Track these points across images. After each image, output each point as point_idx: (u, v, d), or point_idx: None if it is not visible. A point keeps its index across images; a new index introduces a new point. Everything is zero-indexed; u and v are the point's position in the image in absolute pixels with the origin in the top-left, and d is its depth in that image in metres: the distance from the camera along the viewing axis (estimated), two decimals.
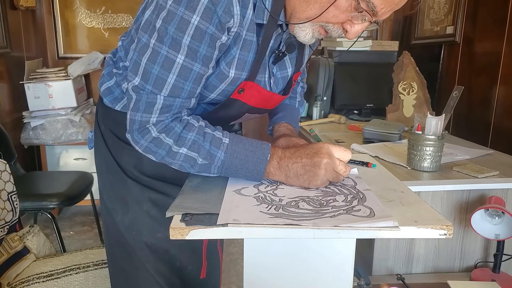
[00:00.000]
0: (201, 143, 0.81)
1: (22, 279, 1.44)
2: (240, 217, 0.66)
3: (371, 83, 2.51)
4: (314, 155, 0.79)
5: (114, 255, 1.07)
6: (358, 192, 0.79)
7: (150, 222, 0.99)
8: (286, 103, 1.19)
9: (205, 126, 0.83)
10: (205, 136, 0.81)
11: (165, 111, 0.80)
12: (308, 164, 0.79)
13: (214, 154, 0.81)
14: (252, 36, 0.83)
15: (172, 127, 0.81)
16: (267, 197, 0.76)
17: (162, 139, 0.81)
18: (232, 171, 0.82)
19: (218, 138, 0.81)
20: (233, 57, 0.83)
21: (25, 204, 2.07)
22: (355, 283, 1.13)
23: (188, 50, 0.76)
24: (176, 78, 0.78)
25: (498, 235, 1.19)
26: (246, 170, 0.81)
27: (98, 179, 1.07)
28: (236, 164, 0.81)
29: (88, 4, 3.20)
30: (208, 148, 0.81)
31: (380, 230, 0.63)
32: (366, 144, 1.74)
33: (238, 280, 2.22)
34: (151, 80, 0.78)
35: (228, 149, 0.81)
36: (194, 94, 0.82)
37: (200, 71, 0.79)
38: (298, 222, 0.64)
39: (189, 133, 0.81)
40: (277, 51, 0.91)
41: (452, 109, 1.35)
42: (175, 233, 0.64)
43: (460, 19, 2.25)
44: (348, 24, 0.78)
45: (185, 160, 0.82)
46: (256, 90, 0.89)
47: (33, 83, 2.80)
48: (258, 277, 0.74)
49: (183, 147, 0.81)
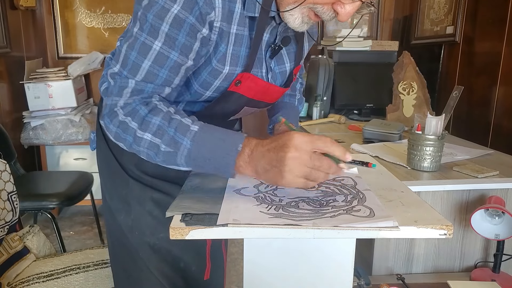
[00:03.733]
0: (165, 128, 0.76)
1: (22, 279, 1.44)
2: (240, 217, 0.66)
3: (371, 83, 2.51)
4: (279, 148, 0.69)
5: (116, 255, 1.07)
6: (358, 192, 0.79)
7: (153, 222, 0.98)
8: (285, 101, 1.18)
9: (174, 112, 0.79)
10: (171, 121, 0.76)
11: (135, 94, 0.79)
12: (274, 159, 0.69)
13: (179, 142, 0.75)
14: (244, 30, 0.83)
15: (137, 110, 0.78)
16: (267, 197, 0.76)
17: (128, 123, 0.78)
18: (200, 162, 0.75)
19: (186, 125, 0.76)
20: (225, 54, 0.83)
21: (25, 204, 2.07)
22: (355, 283, 1.13)
23: (166, 37, 0.76)
24: (151, 64, 0.77)
25: (498, 235, 1.19)
26: (215, 162, 0.73)
27: (100, 179, 1.07)
28: (204, 154, 0.74)
29: (88, 4, 3.20)
30: (172, 134, 0.75)
31: (380, 230, 0.63)
32: (366, 144, 1.74)
33: (238, 280, 2.22)
34: (128, 66, 0.78)
35: (195, 137, 0.74)
36: (170, 83, 0.81)
37: (178, 60, 0.78)
38: (298, 222, 0.64)
39: (154, 117, 0.77)
40: (273, 45, 0.90)
41: (452, 109, 1.35)
42: (175, 233, 0.64)
43: (460, 19, 2.25)
44: (338, 5, 0.75)
45: (150, 147, 0.77)
46: (253, 82, 0.88)
47: (33, 83, 2.80)
48: (258, 277, 0.74)
49: (147, 132, 0.76)
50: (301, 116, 2.51)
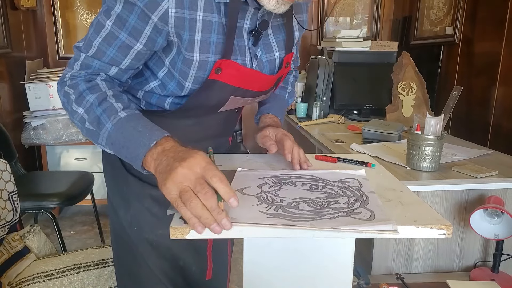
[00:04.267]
0: (94, 107, 0.79)
1: (23, 279, 1.44)
2: (238, 216, 0.66)
3: (371, 83, 2.52)
4: (179, 159, 0.67)
5: (118, 251, 1.08)
6: (362, 194, 0.78)
7: (151, 219, 0.99)
8: (275, 93, 1.17)
9: (112, 95, 0.81)
10: (103, 102, 0.79)
11: (83, 68, 0.84)
12: (170, 165, 0.67)
13: (103, 123, 0.78)
14: (212, 16, 0.83)
15: (78, 84, 0.83)
16: (269, 197, 0.76)
17: (70, 94, 0.83)
18: (117, 148, 0.77)
19: (114, 109, 0.78)
20: (191, 41, 0.83)
21: (26, 204, 2.07)
22: (354, 282, 1.13)
23: (116, 18, 0.81)
24: (101, 42, 0.83)
25: (497, 235, 1.20)
26: (128, 150, 0.75)
27: (104, 176, 1.08)
28: (120, 140, 0.76)
29: (89, 4, 3.20)
30: (99, 114, 0.78)
31: (379, 234, 0.62)
32: (365, 144, 1.74)
33: (238, 279, 2.22)
34: (86, 41, 0.85)
35: (118, 123, 0.77)
36: (117, 63, 0.85)
37: (126, 41, 0.82)
38: (296, 223, 0.64)
39: (90, 94, 0.81)
40: (253, 31, 0.90)
41: (451, 109, 1.35)
42: (175, 232, 0.63)
43: (460, 20, 2.26)
44: None
45: (80, 121, 0.81)
46: (234, 68, 0.88)
47: (33, 83, 2.80)
48: (258, 277, 0.75)
49: (81, 107, 0.81)
50: (301, 116, 2.51)
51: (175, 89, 0.91)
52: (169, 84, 0.91)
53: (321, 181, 0.86)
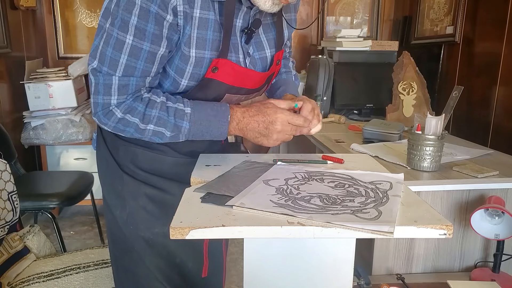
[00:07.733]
0: (166, 118, 0.87)
1: (23, 279, 1.44)
2: (249, 202, 0.69)
3: (371, 83, 2.51)
4: (269, 123, 0.87)
5: (114, 250, 1.08)
6: (385, 196, 0.75)
7: (147, 217, 0.99)
8: (284, 78, 1.19)
9: (166, 100, 0.88)
10: (168, 110, 0.87)
11: (123, 91, 0.84)
12: (263, 128, 0.88)
13: (180, 125, 0.88)
14: (208, 14, 0.85)
15: (135, 107, 0.86)
16: (288, 190, 0.77)
17: (128, 119, 0.86)
18: (198, 135, 0.90)
19: (181, 110, 0.88)
20: (189, 37, 0.85)
21: (26, 204, 2.06)
22: (355, 282, 1.13)
23: (135, 30, 0.80)
24: (128, 58, 0.82)
25: (498, 235, 1.19)
26: (211, 134, 0.90)
27: (99, 175, 1.08)
28: (201, 129, 0.89)
29: (89, 4, 3.20)
30: (173, 122, 0.87)
31: (373, 233, 0.62)
32: (366, 144, 1.74)
33: (238, 279, 2.22)
34: (106, 61, 0.83)
35: (191, 118, 0.88)
36: (148, 73, 0.86)
37: (151, 50, 0.83)
38: (295, 214, 0.65)
39: (152, 110, 0.86)
40: (246, 29, 0.92)
41: (452, 109, 1.35)
42: (175, 232, 0.63)
43: (460, 19, 2.25)
44: None
45: (154, 134, 0.89)
46: (230, 67, 0.90)
47: (33, 83, 2.80)
48: (258, 277, 0.74)
49: (150, 124, 0.87)
50: None
51: (169, 88, 0.94)
52: (164, 83, 0.94)
53: (352, 180, 0.85)
